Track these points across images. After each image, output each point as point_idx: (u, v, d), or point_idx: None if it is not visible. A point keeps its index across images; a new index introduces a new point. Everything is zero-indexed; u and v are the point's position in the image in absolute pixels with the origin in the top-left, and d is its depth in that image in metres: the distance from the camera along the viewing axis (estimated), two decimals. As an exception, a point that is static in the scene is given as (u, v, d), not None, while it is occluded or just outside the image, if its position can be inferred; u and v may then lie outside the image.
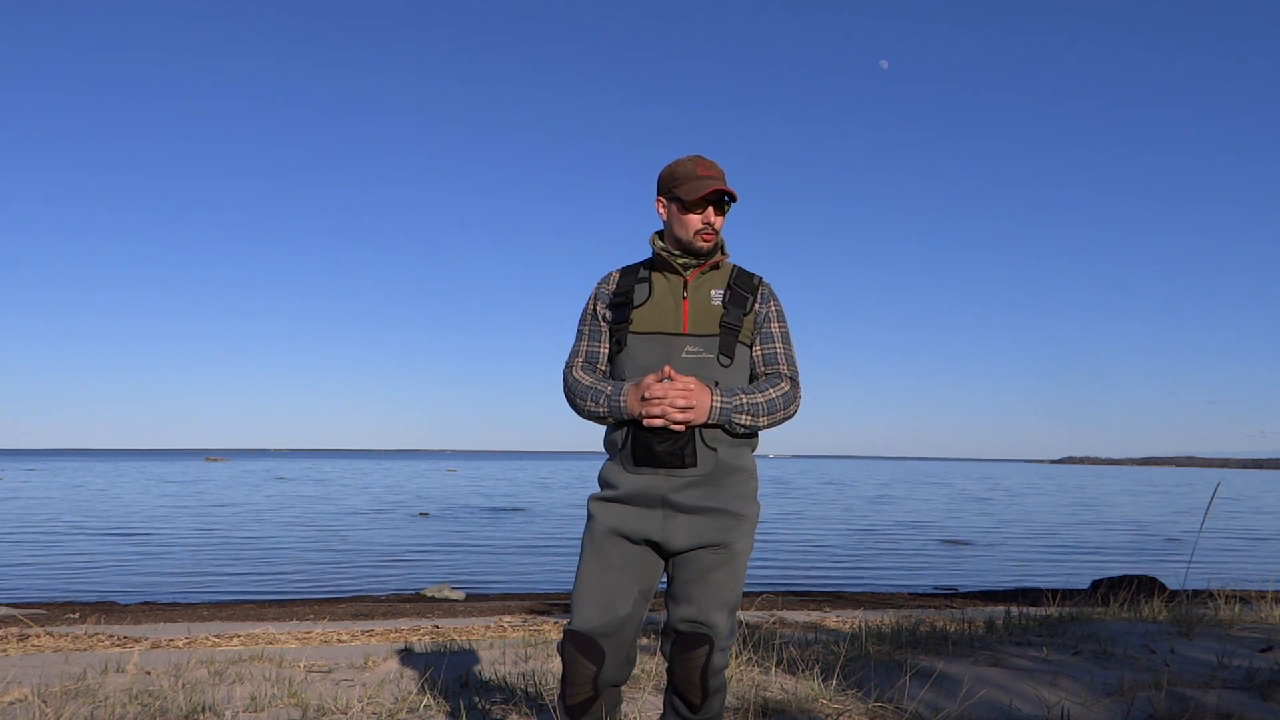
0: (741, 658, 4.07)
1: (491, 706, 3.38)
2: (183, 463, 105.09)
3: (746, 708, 3.23)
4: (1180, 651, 4.11)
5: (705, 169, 2.26)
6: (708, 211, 2.24)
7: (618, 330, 2.27)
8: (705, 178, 2.24)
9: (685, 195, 2.23)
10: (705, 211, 2.24)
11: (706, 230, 2.24)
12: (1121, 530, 25.34)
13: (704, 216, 2.24)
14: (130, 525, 22.62)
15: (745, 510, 2.21)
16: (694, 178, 2.24)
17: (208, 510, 27.95)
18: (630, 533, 2.17)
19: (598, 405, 2.22)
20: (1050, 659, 3.99)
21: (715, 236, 2.26)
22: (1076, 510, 34.46)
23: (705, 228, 2.24)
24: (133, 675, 4.11)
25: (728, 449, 2.18)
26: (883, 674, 3.76)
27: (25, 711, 3.30)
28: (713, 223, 2.25)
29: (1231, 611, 5.41)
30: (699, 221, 2.24)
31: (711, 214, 2.24)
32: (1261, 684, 3.43)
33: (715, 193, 2.22)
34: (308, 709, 3.34)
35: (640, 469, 2.16)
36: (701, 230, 2.24)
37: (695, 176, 2.24)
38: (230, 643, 5.84)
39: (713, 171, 2.26)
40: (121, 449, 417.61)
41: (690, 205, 2.24)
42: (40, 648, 5.51)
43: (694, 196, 2.21)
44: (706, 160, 2.28)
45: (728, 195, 2.25)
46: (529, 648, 5.02)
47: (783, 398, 2.23)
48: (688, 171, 2.26)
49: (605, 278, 2.37)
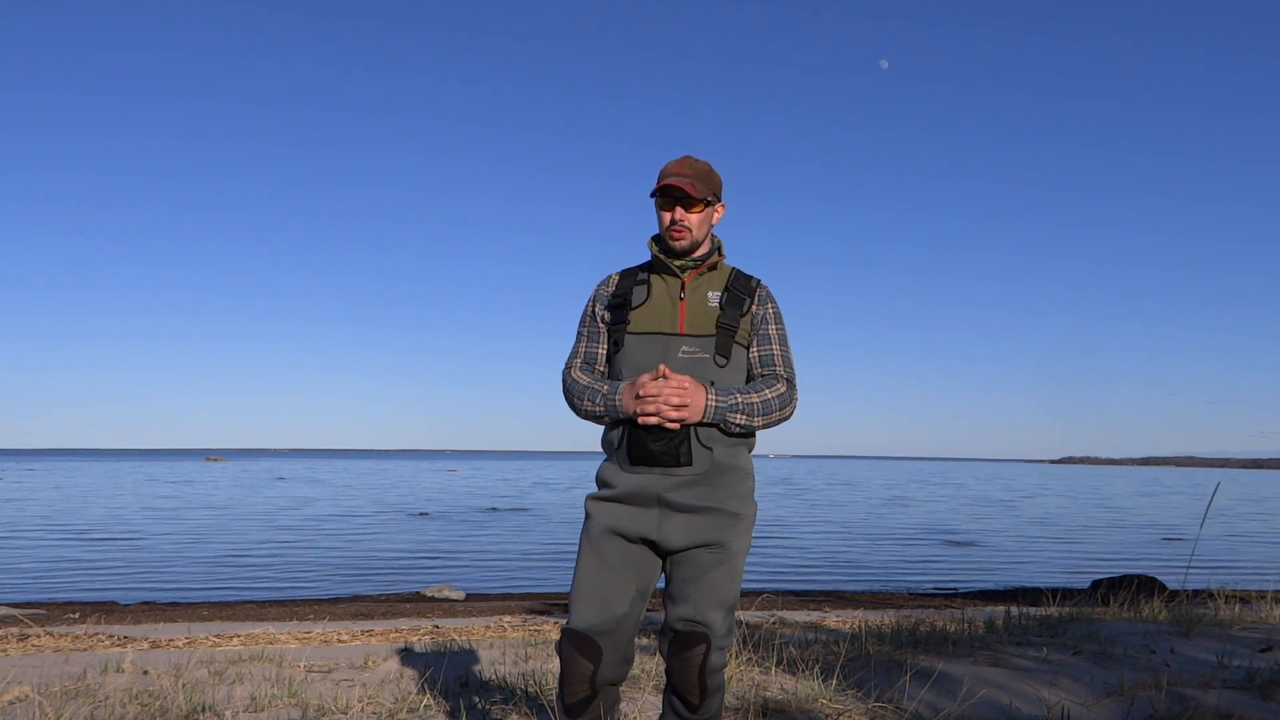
0: (741, 658, 4.07)
1: (491, 706, 3.38)
2: (183, 463, 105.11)
3: (746, 708, 3.23)
4: (1180, 651, 4.11)
5: (677, 167, 2.26)
6: (676, 209, 2.24)
7: (615, 331, 2.28)
8: (671, 174, 2.24)
9: (654, 190, 2.25)
10: (674, 209, 2.24)
11: (675, 227, 2.24)
12: (1121, 530, 25.34)
13: (672, 214, 2.24)
14: (130, 525, 22.61)
15: (742, 509, 2.21)
16: (663, 175, 2.25)
17: (207, 510, 27.94)
18: (627, 532, 2.18)
19: (594, 404, 2.23)
20: (1050, 659, 3.99)
21: (686, 234, 2.25)
22: (1076, 510, 34.45)
23: (672, 225, 2.24)
24: (132, 675, 4.12)
25: (723, 448, 2.18)
26: (883, 674, 3.76)
27: (26, 711, 3.30)
28: (681, 220, 2.24)
29: (1231, 611, 5.41)
30: (667, 218, 2.25)
31: (679, 211, 2.23)
32: (1261, 684, 3.43)
33: (668, 188, 2.22)
34: (308, 709, 3.35)
35: (636, 468, 2.17)
36: (669, 228, 2.25)
37: (664, 174, 2.25)
38: (230, 643, 5.84)
39: (681, 169, 2.25)
40: (122, 449, 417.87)
41: (658, 201, 2.26)
42: (40, 648, 5.51)
43: (653, 191, 2.24)
44: (687, 159, 2.28)
45: (684, 193, 2.21)
46: (529, 648, 5.02)
47: (779, 399, 2.23)
48: (664, 171, 2.27)
49: (605, 280, 2.38)
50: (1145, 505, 39.11)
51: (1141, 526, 26.76)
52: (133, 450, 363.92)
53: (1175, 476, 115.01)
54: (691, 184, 2.22)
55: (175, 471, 68.50)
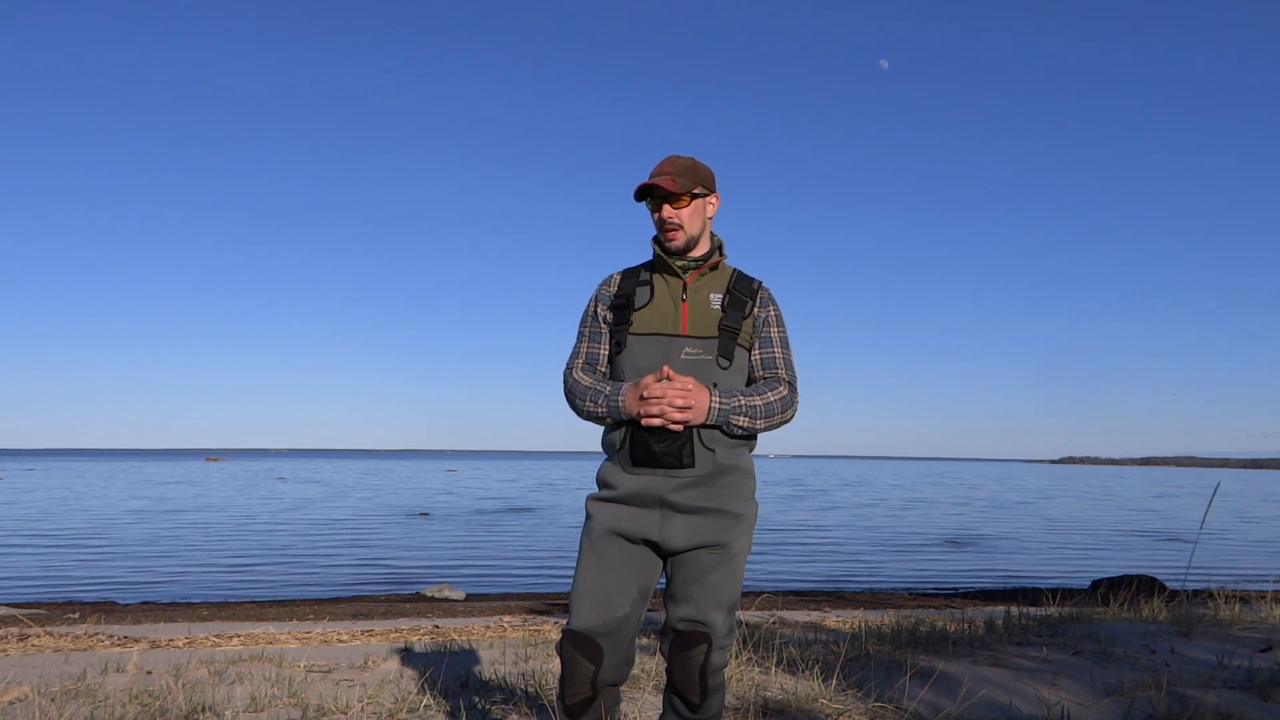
0: (741, 657, 4.07)
1: (491, 706, 3.38)
2: (183, 463, 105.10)
3: (746, 707, 3.23)
4: (1180, 651, 4.11)
5: (657, 167, 2.25)
6: (663, 208, 2.23)
7: (618, 332, 2.27)
8: (651, 176, 2.23)
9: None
10: (661, 209, 2.23)
11: (666, 226, 2.24)
12: (1121, 530, 25.34)
13: (660, 214, 2.24)
14: (130, 525, 22.61)
15: (743, 510, 2.21)
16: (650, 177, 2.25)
17: (207, 510, 27.94)
18: (628, 533, 2.17)
19: (596, 405, 2.22)
20: (1050, 659, 3.99)
21: (679, 231, 2.24)
22: (1076, 510, 34.45)
23: (664, 223, 2.24)
24: (133, 675, 4.12)
25: (725, 450, 2.18)
26: (883, 674, 3.76)
27: (26, 711, 3.30)
28: (670, 217, 2.23)
29: (1231, 611, 5.41)
30: (657, 219, 2.25)
31: (667, 209, 2.23)
32: (1261, 684, 3.43)
33: (646, 188, 2.21)
34: (308, 709, 3.35)
35: (638, 469, 2.16)
36: (661, 228, 2.25)
37: (649, 175, 2.25)
38: (230, 643, 5.84)
39: (662, 168, 2.24)
40: (123, 449, 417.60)
41: (649, 206, 2.26)
42: (40, 648, 5.50)
43: (634, 193, 2.24)
44: (669, 158, 2.27)
45: (665, 191, 2.20)
46: (529, 648, 5.02)
47: (781, 401, 2.23)
48: (652, 171, 2.26)
49: (606, 280, 2.37)
50: (1145, 505, 39.10)
51: (1141, 526, 26.76)
52: (133, 450, 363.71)
53: (1175, 476, 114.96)
54: (670, 179, 2.21)
55: (175, 471, 68.49)
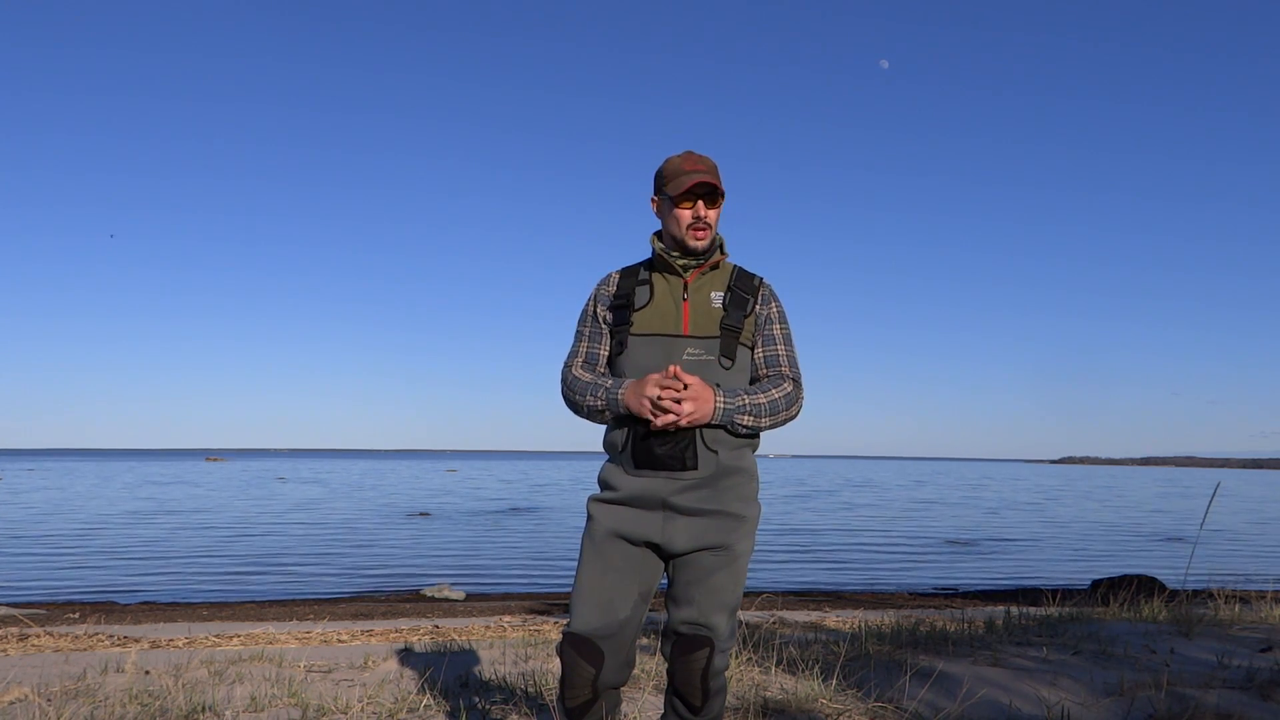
0: (741, 658, 4.07)
1: (491, 706, 3.38)
2: (183, 463, 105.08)
3: (746, 708, 3.23)
4: (1180, 651, 4.11)
5: (692, 163, 2.23)
6: (697, 205, 2.22)
7: (618, 332, 2.25)
8: (691, 171, 2.21)
9: (672, 190, 2.21)
10: (695, 206, 2.22)
11: (697, 225, 2.22)
12: (1121, 530, 25.33)
13: (694, 210, 2.22)
14: (130, 525, 22.61)
15: (746, 512, 2.20)
16: (680, 173, 2.22)
17: (207, 510, 27.94)
18: (630, 535, 2.17)
19: (596, 399, 2.21)
20: (1050, 659, 3.99)
21: (708, 232, 2.23)
22: (1076, 510, 34.45)
23: (695, 222, 2.21)
24: (133, 675, 4.11)
25: (729, 451, 2.17)
26: (883, 674, 3.76)
27: (26, 711, 3.30)
28: (704, 217, 2.22)
29: (1231, 611, 5.41)
30: (689, 216, 2.22)
31: (702, 208, 2.22)
32: (1261, 684, 3.43)
33: (700, 185, 2.20)
34: (308, 709, 3.34)
35: (641, 471, 2.16)
36: (692, 225, 2.22)
37: (682, 171, 2.22)
38: (230, 643, 5.84)
39: (699, 165, 2.23)
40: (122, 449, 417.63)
41: (678, 200, 2.22)
42: (40, 648, 5.50)
43: (679, 191, 2.20)
44: (696, 155, 2.26)
45: (713, 188, 2.21)
46: (529, 648, 5.02)
47: (785, 398, 2.22)
48: (675, 167, 2.24)
49: (605, 279, 2.36)
50: (1145, 505, 39.10)
51: (1141, 526, 26.76)
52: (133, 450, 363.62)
53: (1175, 476, 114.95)
54: (719, 178, 2.23)
55: (175, 471, 68.48)
